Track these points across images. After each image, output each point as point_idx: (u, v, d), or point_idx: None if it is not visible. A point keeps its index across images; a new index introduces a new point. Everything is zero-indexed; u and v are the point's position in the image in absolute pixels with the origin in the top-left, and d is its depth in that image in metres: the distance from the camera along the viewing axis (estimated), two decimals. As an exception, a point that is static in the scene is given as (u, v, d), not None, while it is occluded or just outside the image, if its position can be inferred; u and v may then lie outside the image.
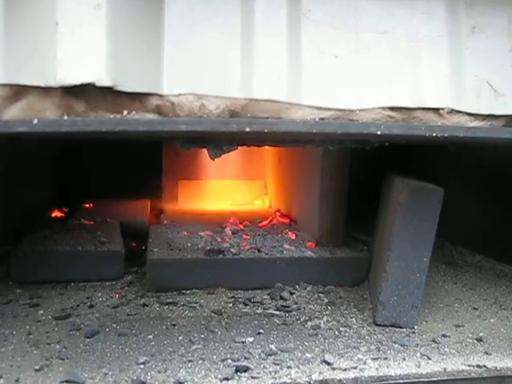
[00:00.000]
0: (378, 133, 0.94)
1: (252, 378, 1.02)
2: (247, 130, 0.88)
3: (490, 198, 1.93)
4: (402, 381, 1.04)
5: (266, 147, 2.38)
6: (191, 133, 0.93)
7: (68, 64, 0.89)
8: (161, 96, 0.98)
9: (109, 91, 0.93)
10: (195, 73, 1.00)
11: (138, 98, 0.97)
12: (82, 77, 0.89)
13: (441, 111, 1.09)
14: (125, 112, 0.96)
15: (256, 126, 0.89)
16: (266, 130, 0.89)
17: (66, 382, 0.99)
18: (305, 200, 1.90)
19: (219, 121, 0.94)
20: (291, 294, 1.50)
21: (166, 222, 2.03)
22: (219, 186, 2.56)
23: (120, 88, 0.93)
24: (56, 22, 0.88)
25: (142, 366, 1.06)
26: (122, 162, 2.59)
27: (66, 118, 0.91)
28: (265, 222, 2.01)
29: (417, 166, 1.35)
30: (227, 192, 2.55)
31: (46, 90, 0.91)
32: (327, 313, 1.39)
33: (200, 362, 1.08)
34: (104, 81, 0.90)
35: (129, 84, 0.94)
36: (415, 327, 1.30)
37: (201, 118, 0.96)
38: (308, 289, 1.54)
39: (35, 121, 0.84)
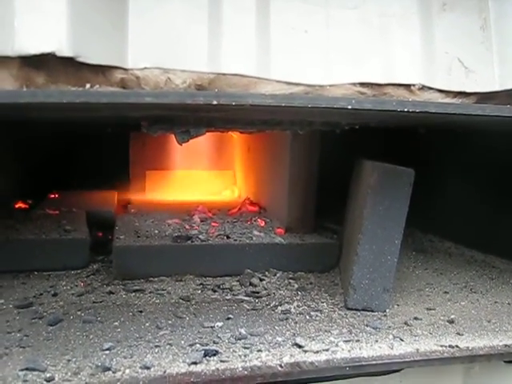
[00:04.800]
0: (349, 107, 0.91)
1: (221, 361, 0.99)
2: (214, 102, 0.85)
3: (460, 186, 1.93)
4: (375, 362, 1.03)
5: (235, 136, 2.36)
6: (157, 107, 0.89)
7: (26, 32, 0.85)
8: (125, 69, 0.95)
9: (70, 63, 0.89)
10: (161, 46, 0.97)
11: (101, 71, 0.94)
12: (42, 46, 0.85)
13: (412, 87, 1.08)
14: (87, 86, 0.93)
15: (223, 98, 0.86)
16: (233, 103, 0.86)
17: (27, 369, 0.94)
18: (274, 188, 1.88)
19: (185, 93, 0.91)
20: (261, 280, 1.48)
21: (133, 210, 1.99)
22: (187, 176, 2.52)
23: (82, 59, 0.89)
24: (13, -12, 0.85)
25: (106, 352, 1.02)
26: (90, 153, 2.54)
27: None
28: (234, 210, 1.99)
29: (388, 154, 1.34)
30: (196, 183, 2.52)
31: (2, 60, 0.86)
32: (298, 298, 1.37)
33: (167, 347, 1.05)
34: (65, 51, 0.87)
35: (91, 56, 0.91)
36: (387, 311, 1.29)
37: (166, 91, 0.93)
38: (278, 275, 1.51)
39: (-9, 91, 0.80)
